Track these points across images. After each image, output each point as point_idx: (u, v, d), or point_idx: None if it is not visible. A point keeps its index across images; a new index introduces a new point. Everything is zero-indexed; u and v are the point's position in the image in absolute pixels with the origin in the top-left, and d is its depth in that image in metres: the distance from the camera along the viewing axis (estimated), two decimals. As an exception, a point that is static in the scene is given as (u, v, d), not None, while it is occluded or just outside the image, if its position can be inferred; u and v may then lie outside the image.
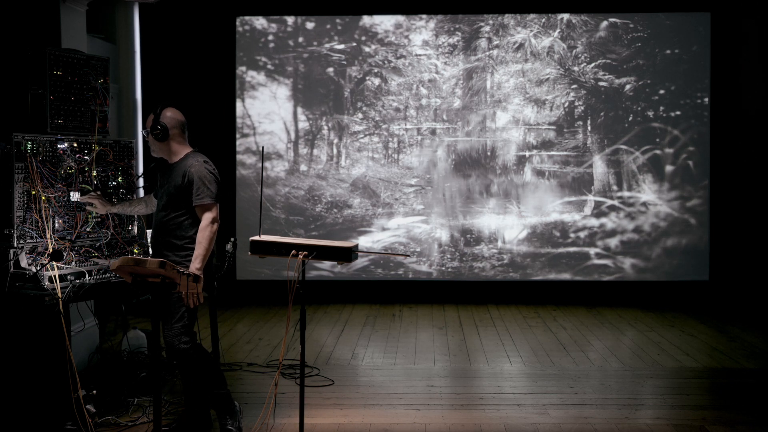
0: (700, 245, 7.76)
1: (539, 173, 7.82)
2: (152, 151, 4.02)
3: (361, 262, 7.79)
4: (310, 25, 7.84)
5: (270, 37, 7.86)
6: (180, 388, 4.76)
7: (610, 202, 7.79)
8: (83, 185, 4.28)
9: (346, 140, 7.85)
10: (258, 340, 6.21)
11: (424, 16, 7.81)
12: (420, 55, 7.82)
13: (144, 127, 3.99)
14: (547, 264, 7.81)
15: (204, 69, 7.89)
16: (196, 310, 3.89)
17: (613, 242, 7.78)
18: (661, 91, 7.75)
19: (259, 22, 7.84)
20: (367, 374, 5.26)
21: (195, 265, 3.73)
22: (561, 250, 7.81)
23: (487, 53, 7.79)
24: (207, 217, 3.79)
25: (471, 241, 7.84)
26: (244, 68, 7.85)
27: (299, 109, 7.86)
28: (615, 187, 7.79)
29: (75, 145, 4.27)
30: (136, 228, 4.57)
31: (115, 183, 4.46)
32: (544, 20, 7.76)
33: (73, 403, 3.80)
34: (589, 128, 7.81)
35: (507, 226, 7.83)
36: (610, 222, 7.79)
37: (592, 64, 7.76)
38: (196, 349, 3.87)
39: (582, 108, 7.80)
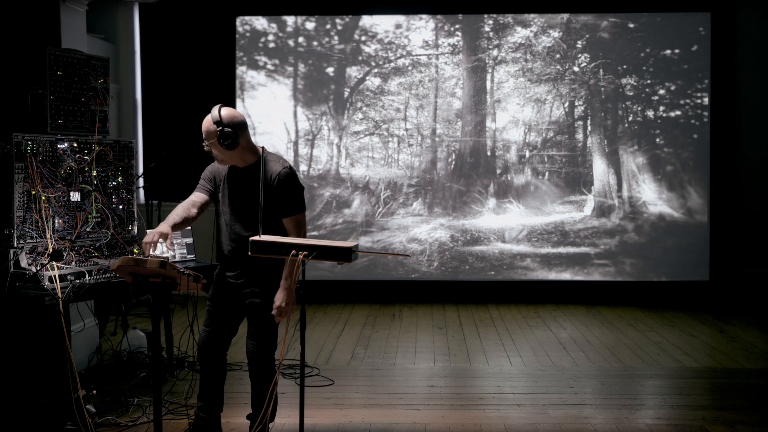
0: (700, 245, 7.76)
1: (539, 173, 7.82)
2: (218, 161, 3.70)
3: (361, 262, 7.79)
4: (310, 25, 7.84)
5: (270, 37, 7.86)
6: (179, 388, 4.77)
7: (610, 202, 7.80)
8: (83, 185, 4.28)
9: (346, 140, 7.85)
10: (258, 340, 6.20)
11: (424, 16, 7.81)
12: (420, 55, 7.82)
13: (204, 139, 3.63)
14: (547, 264, 7.81)
15: (204, 69, 7.89)
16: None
17: (613, 242, 7.78)
18: (661, 91, 7.75)
19: (259, 22, 7.84)
20: (367, 374, 5.26)
21: (288, 285, 3.51)
22: (561, 250, 7.81)
23: (487, 53, 7.79)
24: (304, 229, 3.63)
25: (471, 241, 7.84)
26: (244, 68, 7.85)
27: (299, 109, 7.86)
28: (615, 187, 7.79)
29: (75, 145, 4.27)
30: (136, 228, 4.57)
31: (115, 183, 4.46)
32: (544, 20, 7.76)
33: (73, 403, 3.80)
34: (589, 128, 7.81)
35: (507, 226, 7.83)
36: (610, 222, 7.79)
37: (592, 64, 7.76)
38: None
39: (582, 108, 7.80)
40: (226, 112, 3.60)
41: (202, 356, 3.85)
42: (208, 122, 3.60)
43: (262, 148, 3.66)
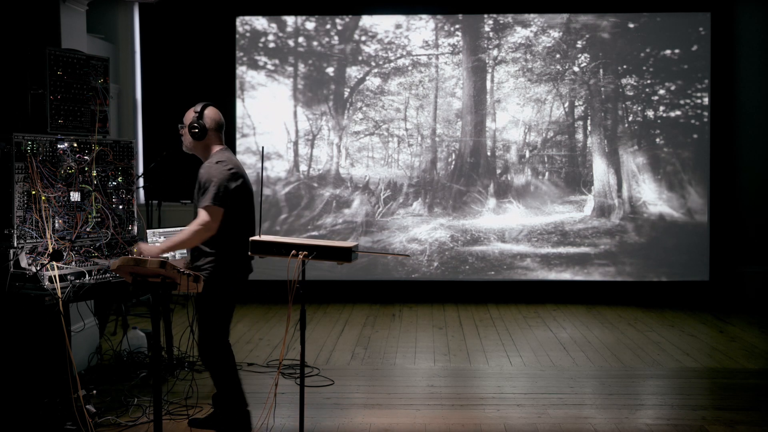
0: (700, 245, 7.76)
1: (539, 173, 7.82)
2: (184, 146, 4.04)
3: (361, 262, 7.79)
4: (310, 25, 7.84)
5: (270, 37, 7.86)
6: (179, 388, 4.77)
7: (610, 202, 7.79)
8: (83, 185, 4.28)
9: (346, 140, 7.85)
10: (258, 340, 6.21)
11: (424, 16, 7.81)
12: (420, 55, 7.82)
13: (182, 123, 4.01)
14: (547, 264, 7.81)
15: (204, 69, 7.89)
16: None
17: (613, 242, 7.78)
18: (661, 91, 7.75)
19: (259, 22, 7.84)
20: (367, 374, 5.26)
21: (160, 246, 3.84)
22: (561, 250, 7.81)
23: (487, 53, 7.79)
24: (201, 219, 3.75)
25: (471, 241, 7.84)
26: (244, 68, 7.85)
27: (299, 109, 7.86)
28: (615, 187, 7.79)
29: (75, 145, 4.28)
30: (136, 228, 4.57)
31: (115, 183, 4.46)
32: (544, 20, 7.76)
33: (73, 403, 3.81)
34: (589, 128, 7.81)
35: (507, 226, 7.83)
36: (610, 222, 7.79)
37: (592, 64, 7.76)
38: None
39: (582, 108, 7.80)
40: (209, 110, 3.97)
41: None
42: (190, 110, 3.96)
43: (224, 147, 3.99)
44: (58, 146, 4.18)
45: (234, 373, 3.95)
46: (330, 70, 7.85)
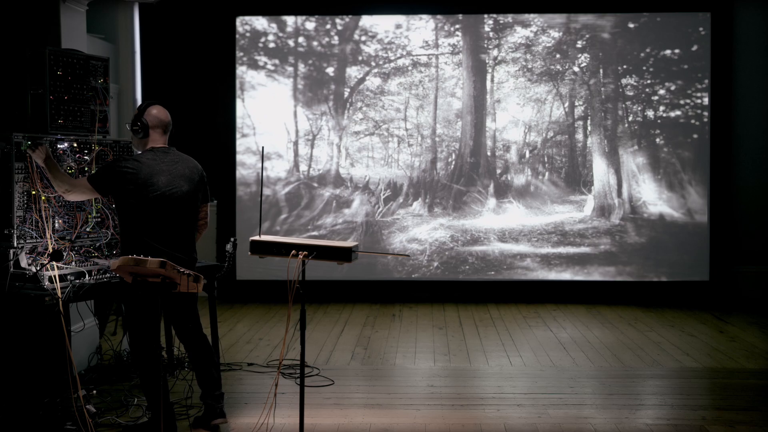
0: (700, 245, 7.76)
1: (539, 173, 7.82)
2: (133, 144, 4.06)
3: (361, 262, 7.78)
4: (310, 25, 7.84)
5: (270, 37, 7.86)
6: (179, 388, 4.77)
7: (610, 202, 7.80)
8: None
9: (346, 140, 7.85)
10: (258, 340, 6.21)
11: (424, 16, 7.81)
12: (420, 55, 7.82)
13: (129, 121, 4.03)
14: (547, 264, 7.81)
15: (204, 69, 7.89)
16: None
17: (613, 242, 7.78)
18: (661, 91, 7.75)
19: (259, 22, 7.84)
20: (367, 374, 5.26)
21: (47, 161, 3.93)
22: (561, 249, 7.81)
23: (487, 53, 7.79)
24: (83, 184, 3.87)
25: (471, 241, 7.84)
26: (244, 68, 7.85)
27: (299, 109, 7.86)
28: (615, 187, 7.79)
29: (75, 145, 4.28)
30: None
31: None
32: (544, 20, 7.76)
33: (73, 403, 3.81)
34: (589, 128, 7.81)
35: (507, 226, 7.83)
36: (610, 222, 7.79)
37: (592, 64, 7.76)
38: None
39: (582, 108, 7.80)
40: (155, 108, 3.93)
41: None
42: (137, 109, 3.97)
43: (163, 147, 3.90)
44: (58, 146, 4.19)
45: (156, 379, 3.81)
46: (330, 70, 7.85)
